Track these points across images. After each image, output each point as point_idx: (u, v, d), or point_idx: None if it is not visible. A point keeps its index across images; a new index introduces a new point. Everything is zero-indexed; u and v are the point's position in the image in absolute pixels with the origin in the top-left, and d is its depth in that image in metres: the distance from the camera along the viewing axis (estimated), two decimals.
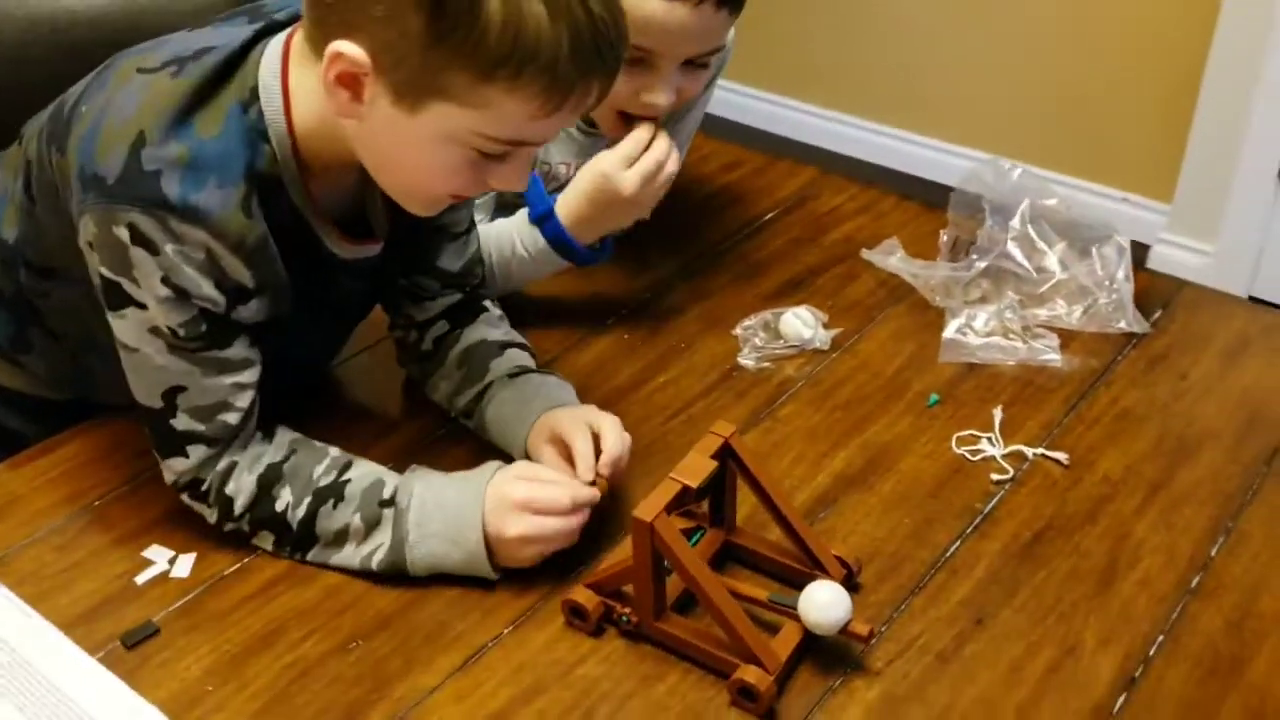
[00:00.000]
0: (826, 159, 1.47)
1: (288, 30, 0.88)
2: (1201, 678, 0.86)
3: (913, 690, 0.85)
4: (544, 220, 1.14)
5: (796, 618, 0.85)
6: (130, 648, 0.86)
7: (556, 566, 0.92)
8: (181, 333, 0.87)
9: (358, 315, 1.09)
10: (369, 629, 0.88)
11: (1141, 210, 2.40)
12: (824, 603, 0.84)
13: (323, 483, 0.91)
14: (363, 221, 0.97)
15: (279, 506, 0.91)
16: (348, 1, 0.79)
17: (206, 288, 0.85)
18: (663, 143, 1.11)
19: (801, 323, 1.18)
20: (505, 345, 1.06)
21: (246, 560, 0.93)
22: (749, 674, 0.81)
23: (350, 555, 0.91)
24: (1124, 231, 1.22)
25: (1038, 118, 2.51)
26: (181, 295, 0.85)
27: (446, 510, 0.89)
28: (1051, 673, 0.86)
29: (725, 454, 0.87)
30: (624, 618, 0.87)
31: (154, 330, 0.87)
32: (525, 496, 0.89)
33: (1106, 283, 1.20)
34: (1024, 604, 0.91)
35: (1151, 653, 0.87)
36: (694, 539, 0.92)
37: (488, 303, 1.10)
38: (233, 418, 0.90)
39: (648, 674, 0.86)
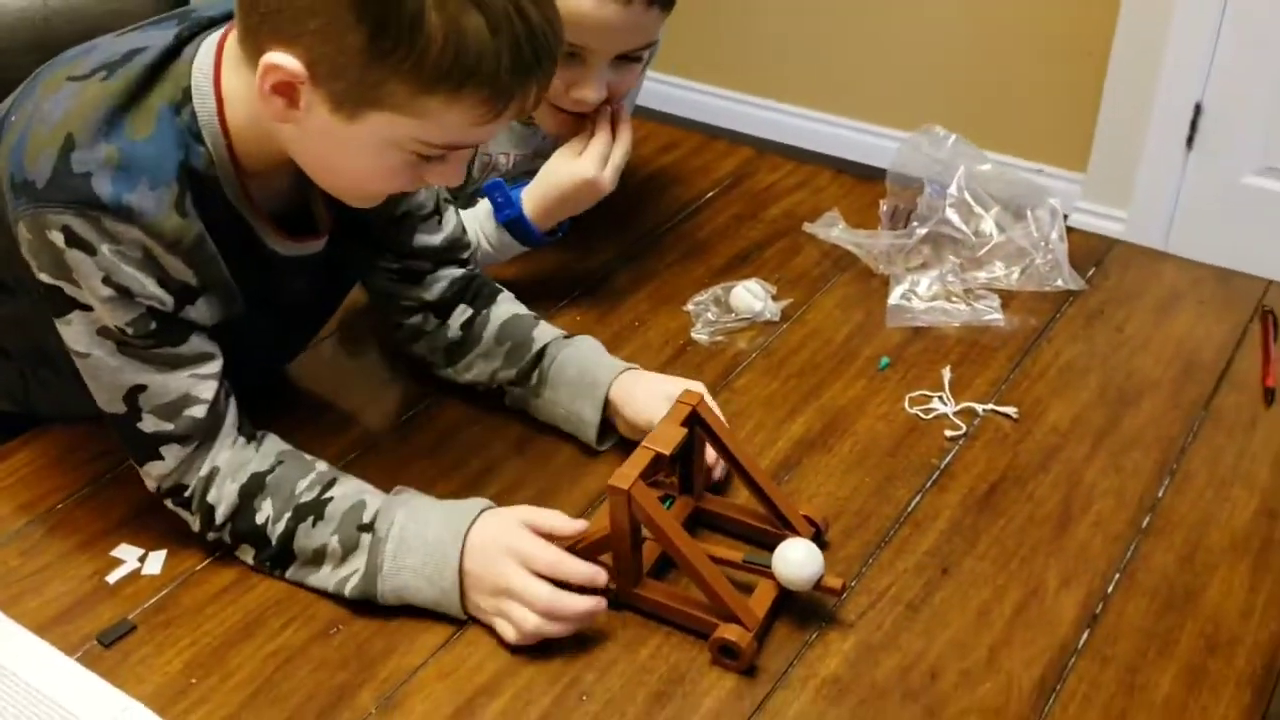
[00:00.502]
0: (757, 146, 1.50)
1: (220, 30, 0.88)
2: (1158, 610, 0.90)
3: (887, 639, 0.87)
4: (513, 222, 1.16)
5: (771, 576, 0.87)
6: (108, 646, 0.85)
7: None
8: (130, 331, 0.85)
9: (314, 315, 1.08)
10: (348, 614, 0.89)
11: (1057, 181, 2.47)
12: (797, 560, 0.86)
13: (304, 499, 0.90)
14: (305, 217, 0.96)
15: (259, 519, 0.89)
16: (283, 13, 0.78)
17: (150, 286, 0.84)
18: (627, 134, 1.16)
19: (751, 295, 1.20)
20: (538, 318, 1.08)
21: (219, 553, 0.93)
22: (730, 632, 0.83)
23: (326, 578, 0.89)
24: None
25: (954, 96, 2.57)
26: (125, 294, 0.84)
27: (428, 544, 0.87)
28: (1018, 614, 0.89)
29: (694, 421, 0.89)
30: (605, 586, 0.88)
31: (103, 331, 0.86)
32: (525, 546, 0.85)
33: (1042, 244, 1.24)
34: (986, 551, 0.94)
35: (1110, 590, 0.91)
36: (665, 507, 0.93)
37: (497, 284, 1.11)
38: (199, 411, 0.89)
39: (630, 640, 0.87)
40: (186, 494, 0.90)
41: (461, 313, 1.07)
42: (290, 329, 1.07)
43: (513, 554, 0.85)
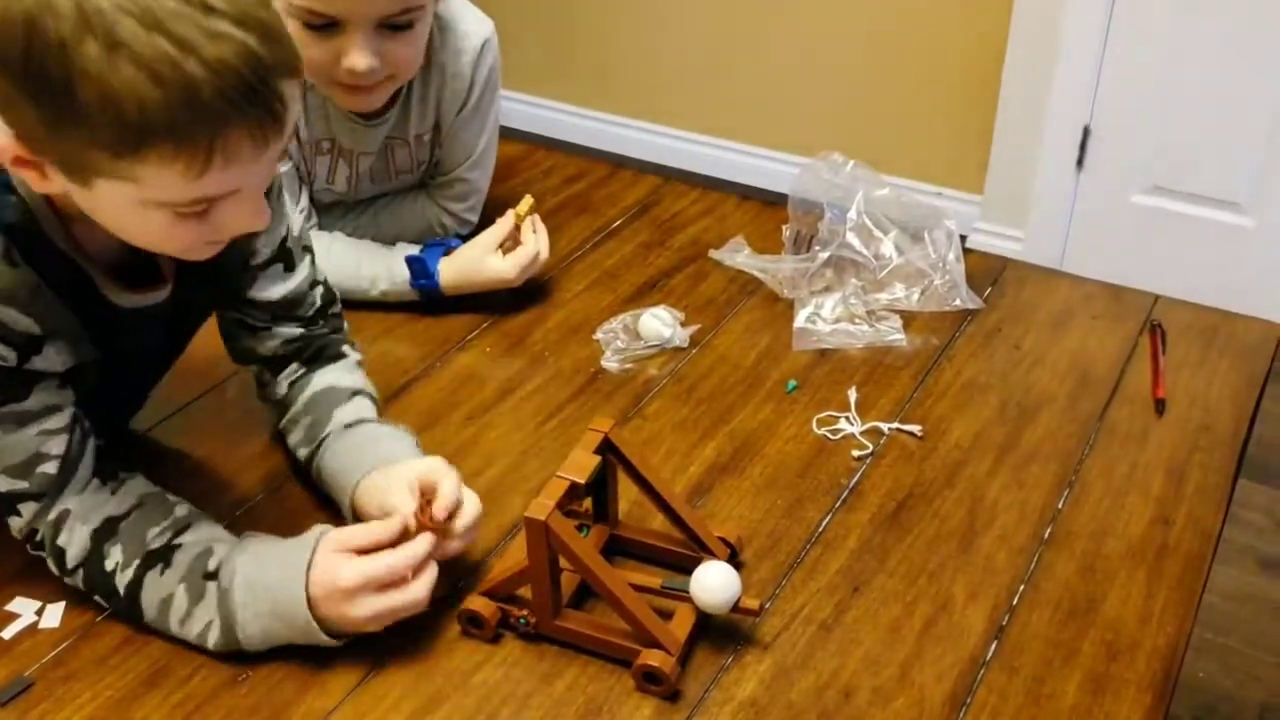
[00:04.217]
0: (663, 174, 1.52)
1: None
2: (1062, 619, 0.92)
3: (801, 659, 0.88)
4: (428, 290, 1.24)
5: (690, 601, 0.88)
6: (4, 705, 0.83)
7: (446, 578, 0.92)
8: None
9: (158, 366, 1.02)
10: (256, 658, 0.87)
11: (956, 203, 2.53)
12: (715, 585, 0.87)
13: (154, 545, 0.86)
14: (148, 264, 0.88)
15: (108, 565, 0.86)
16: None
17: None
18: (540, 235, 1.26)
19: (660, 322, 1.21)
20: (355, 393, 1.02)
21: None
22: (653, 658, 0.84)
23: (182, 629, 0.85)
24: None
25: (853, 123, 2.63)
26: None
27: (271, 591, 0.84)
28: (928, 629, 0.91)
29: (606, 448, 0.89)
30: (522, 620, 0.87)
31: None
32: (359, 577, 0.83)
33: (940, 265, 1.27)
34: (895, 568, 0.96)
35: (1015, 602, 0.93)
36: (582, 535, 0.93)
37: (347, 347, 1.06)
38: (51, 467, 0.85)
39: (547, 672, 0.87)
40: (38, 538, 0.88)
41: (292, 372, 1.03)
42: (138, 378, 1.02)
43: (344, 580, 0.83)
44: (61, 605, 0.90)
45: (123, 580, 0.86)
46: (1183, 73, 2.22)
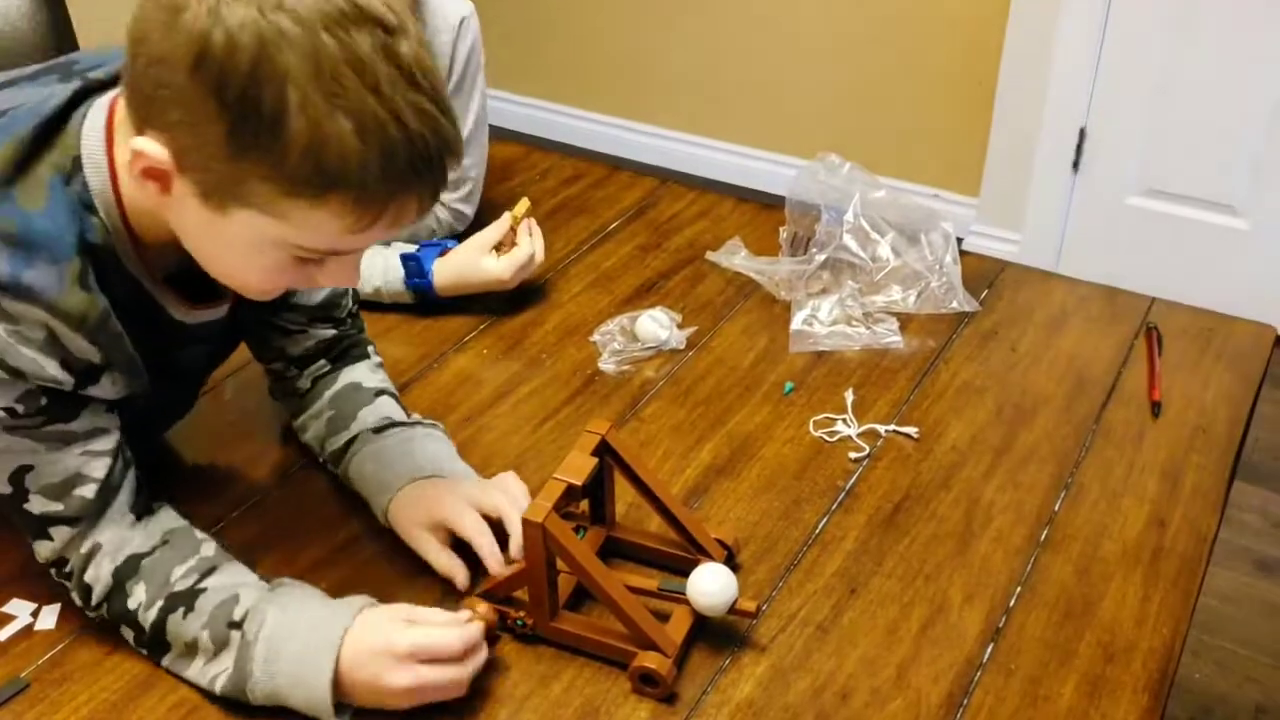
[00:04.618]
0: (660, 176, 1.52)
1: (110, 94, 0.82)
2: (1058, 621, 0.92)
3: (798, 661, 0.88)
4: (422, 290, 1.24)
5: (686, 603, 0.88)
6: (0, 706, 0.82)
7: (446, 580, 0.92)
8: (20, 409, 0.81)
9: (205, 374, 1.03)
10: None
11: (953, 205, 2.54)
12: (712, 588, 0.87)
13: (178, 587, 0.85)
14: (207, 281, 0.88)
15: (131, 604, 0.85)
16: (154, 100, 0.73)
17: (51, 368, 0.80)
18: (536, 237, 1.26)
19: (657, 324, 1.21)
20: (379, 392, 1.03)
21: None
22: (649, 660, 0.84)
23: (198, 673, 0.84)
24: None
25: (850, 125, 2.64)
26: (17, 375, 0.79)
27: (299, 655, 0.82)
28: (924, 630, 0.91)
29: (603, 450, 0.89)
30: (519, 621, 0.88)
31: None
32: (413, 645, 0.81)
33: (936, 267, 1.27)
34: (892, 570, 0.96)
35: (1011, 603, 0.93)
36: (579, 537, 0.94)
37: (371, 348, 1.08)
38: (89, 491, 0.84)
39: (544, 674, 0.87)
40: (67, 569, 0.86)
41: (318, 368, 1.05)
42: (183, 392, 1.02)
43: (398, 645, 0.82)
44: (57, 607, 0.90)
45: (147, 619, 0.85)
46: (1178, 75, 2.23)
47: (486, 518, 0.93)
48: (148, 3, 0.73)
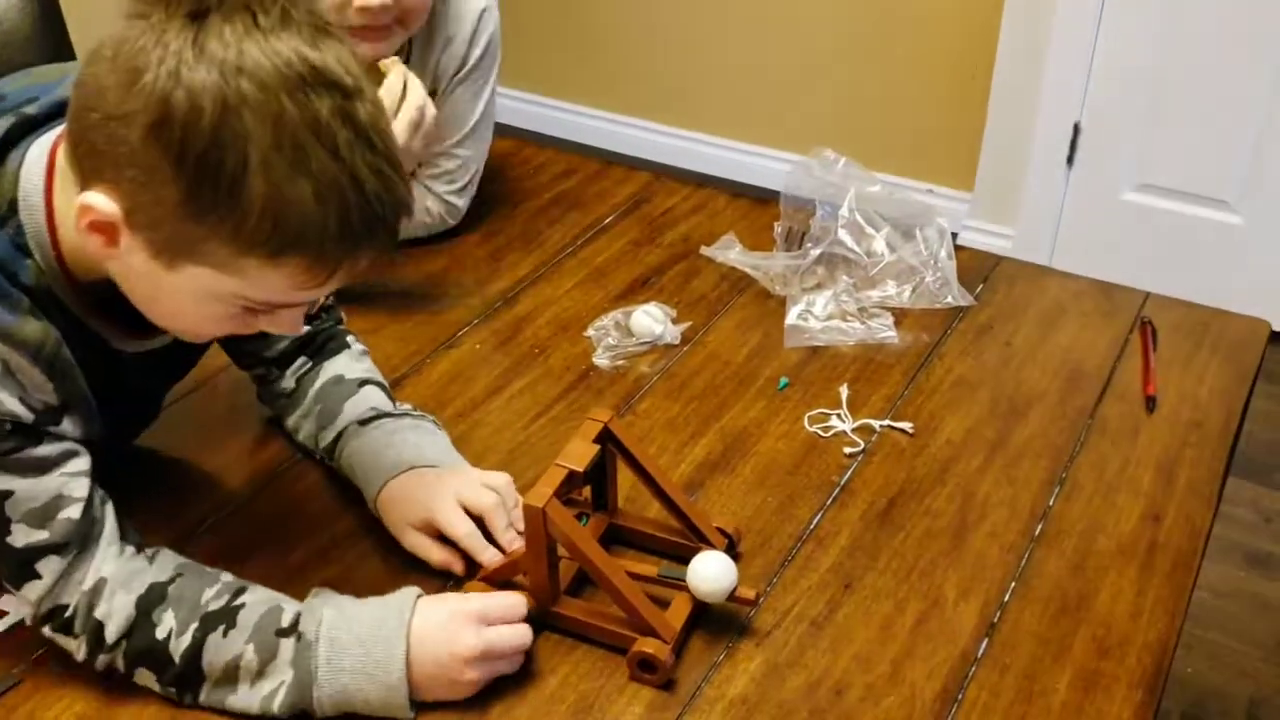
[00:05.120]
0: (654, 171, 1.52)
1: (51, 135, 0.81)
2: (1053, 616, 0.92)
3: (793, 656, 0.88)
4: None
5: (686, 590, 0.88)
6: None
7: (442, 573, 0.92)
8: None
9: (162, 391, 1.01)
10: None
11: (947, 200, 2.54)
12: (711, 575, 0.87)
13: (213, 607, 0.82)
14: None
15: (160, 634, 0.81)
16: (101, 156, 0.73)
17: (10, 403, 0.78)
18: (416, 87, 1.13)
19: (651, 319, 1.21)
20: (363, 382, 1.02)
21: None
22: (648, 646, 0.84)
23: (247, 697, 0.81)
24: None
25: (845, 120, 2.64)
26: None
27: (365, 643, 0.81)
28: (919, 626, 0.91)
29: (605, 438, 0.89)
30: None
31: None
32: (482, 605, 0.83)
33: (931, 262, 1.27)
34: (887, 565, 0.96)
35: (1006, 598, 0.93)
36: (581, 524, 0.93)
37: (351, 337, 1.07)
38: (74, 511, 0.81)
39: (540, 667, 0.87)
40: (68, 614, 0.81)
41: (299, 366, 1.04)
42: (142, 411, 1.00)
43: (479, 615, 0.83)
44: None
45: (179, 647, 0.81)
46: (1172, 70, 2.23)
47: (472, 514, 0.92)
48: (102, 61, 0.72)
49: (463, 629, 0.82)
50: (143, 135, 0.71)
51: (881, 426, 1.10)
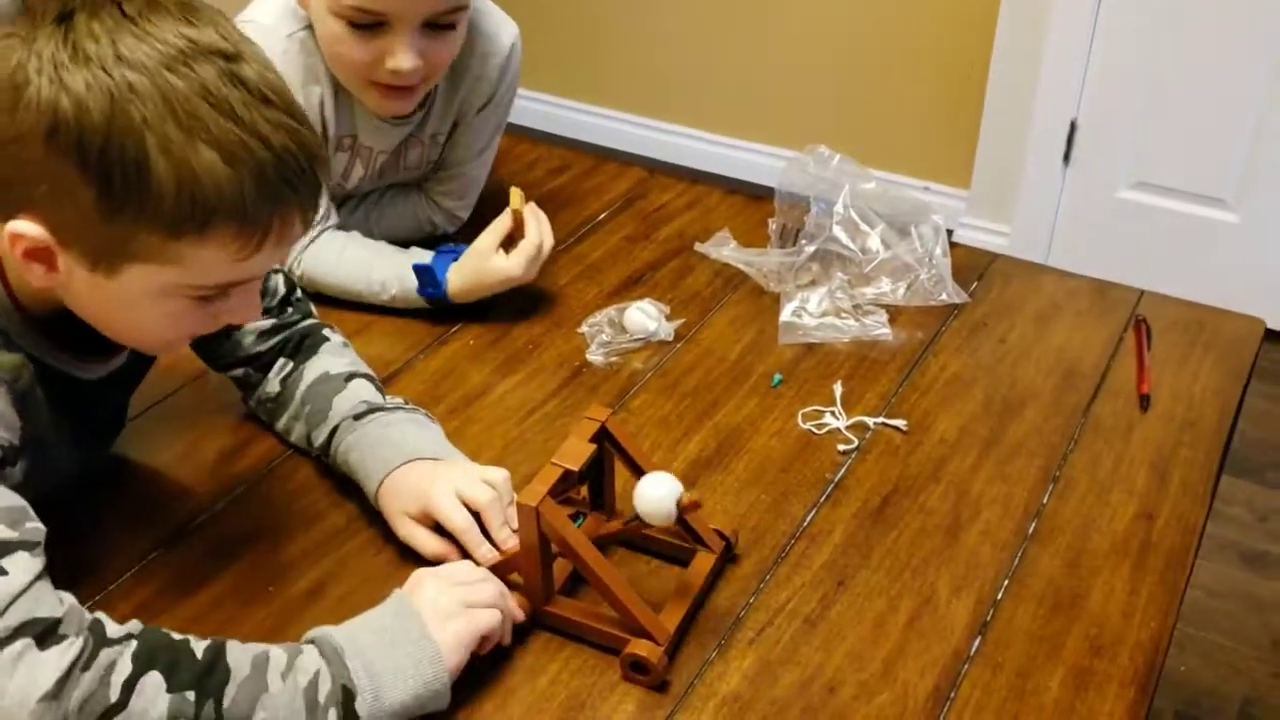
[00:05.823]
0: (648, 167, 1.52)
1: None
2: (1046, 614, 0.92)
3: (786, 654, 0.88)
4: (436, 299, 1.20)
5: (650, 527, 0.87)
6: None
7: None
8: None
9: (124, 404, 1.00)
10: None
11: (943, 197, 2.54)
12: (655, 495, 0.85)
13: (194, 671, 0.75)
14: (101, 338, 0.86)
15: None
16: (11, 184, 0.73)
17: None
18: (548, 230, 1.21)
19: (645, 316, 1.20)
20: (350, 376, 1.02)
21: (101, 596, 0.89)
22: (641, 647, 0.83)
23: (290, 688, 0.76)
24: None
25: (840, 116, 2.63)
26: None
27: (380, 627, 0.80)
28: (912, 624, 0.91)
29: (602, 437, 0.89)
30: None
31: None
32: (450, 569, 0.85)
33: (926, 259, 1.27)
34: (880, 563, 0.96)
35: (999, 596, 0.93)
36: (576, 524, 0.93)
37: (328, 331, 1.06)
38: (39, 525, 0.76)
39: (531, 666, 0.86)
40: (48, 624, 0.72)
41: (282, 368, 1.03)
42: (108, 431, 0.99)
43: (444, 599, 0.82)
44: None
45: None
46: (1169, 68, 2.23)
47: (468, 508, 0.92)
48: None
49: (446, 623, 0.81)
50: (41, 148, 0.71)
51: (875, 424, 1.10)
